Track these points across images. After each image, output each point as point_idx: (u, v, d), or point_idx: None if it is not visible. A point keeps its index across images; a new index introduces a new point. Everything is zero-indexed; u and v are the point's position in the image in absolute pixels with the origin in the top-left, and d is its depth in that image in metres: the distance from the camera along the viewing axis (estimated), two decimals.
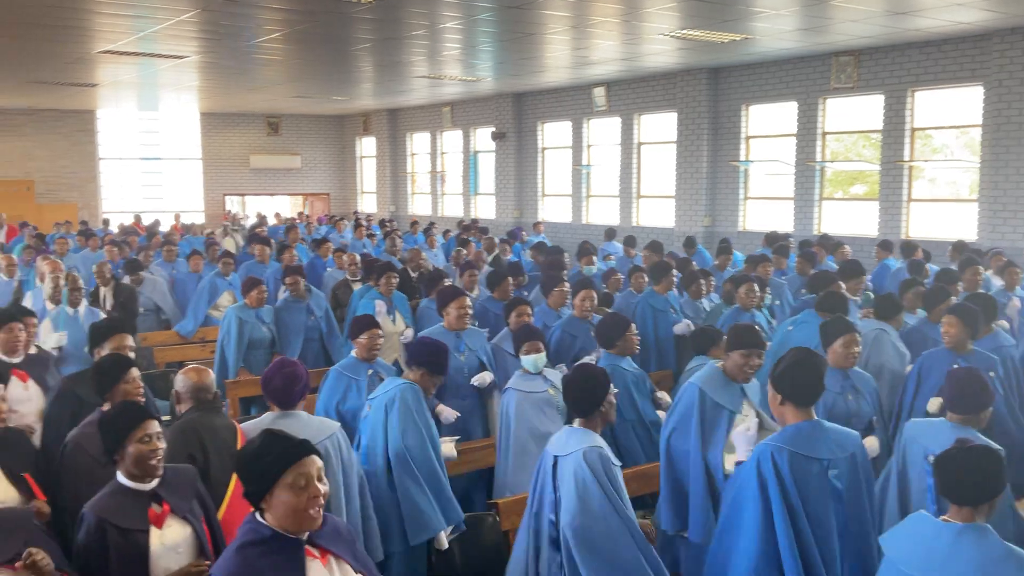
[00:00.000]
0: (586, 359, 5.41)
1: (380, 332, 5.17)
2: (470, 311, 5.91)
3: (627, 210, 16.52)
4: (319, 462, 2.64)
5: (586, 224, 17.24)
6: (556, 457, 3.55)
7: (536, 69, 14.58)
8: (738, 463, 3.73)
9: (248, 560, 2.54)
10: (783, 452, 3.32)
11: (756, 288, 7.05)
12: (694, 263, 9.62)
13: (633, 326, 5.38)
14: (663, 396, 5.35)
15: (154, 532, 3.11)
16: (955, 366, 4.40)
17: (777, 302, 8.11)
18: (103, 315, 6.97)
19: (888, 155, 12.40)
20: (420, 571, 4.44)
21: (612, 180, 16.94)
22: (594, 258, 10.00)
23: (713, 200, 14.89)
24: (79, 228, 15.52)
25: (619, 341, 5.26)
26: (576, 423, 3.62)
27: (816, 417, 3.46)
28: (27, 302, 7.52)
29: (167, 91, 17.73)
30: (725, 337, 4.47)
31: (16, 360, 4.83)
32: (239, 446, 3.76)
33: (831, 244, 10.69)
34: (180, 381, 3.96)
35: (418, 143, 22.43)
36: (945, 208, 12.57)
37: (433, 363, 4.55)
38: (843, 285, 6.90)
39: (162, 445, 3.18)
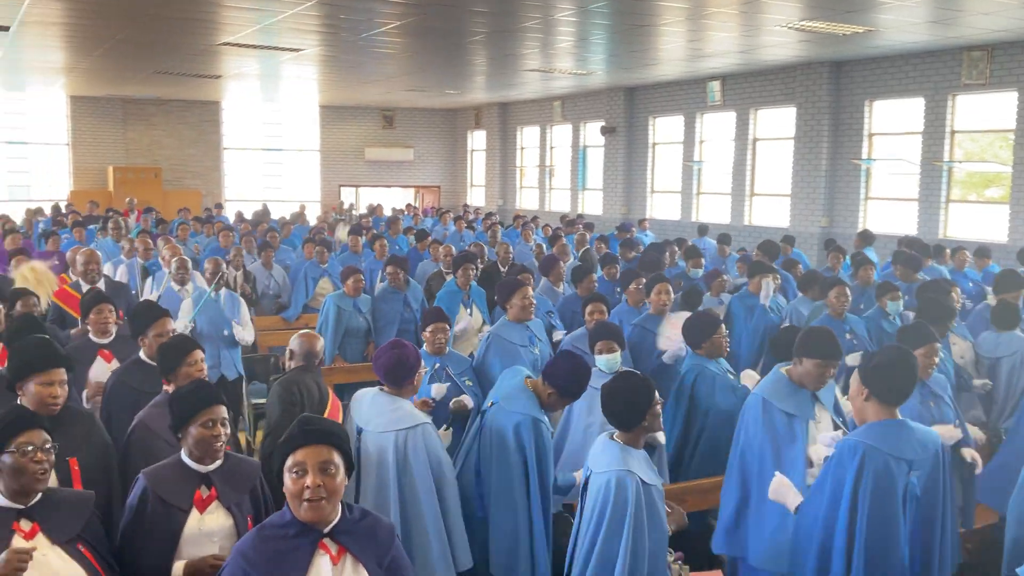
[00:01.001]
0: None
1: (446, 326, 5.12)
2: (534, 302, 5.78)
3: (739, 208, 16.04)
4: (329, 452, 2.57)
5: (695, 222, 16.82)
6: (591, 473, 3.35)
7: (649, 62, 14.29)
8: None
9: (264, 540, 2.57)
10: (873, 451, 3.19)
11: (848, 293, 6.67)
12: (800, 264, 9.25)
13: (723, 327, 5.14)
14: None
15: (194, 514, 3.10)
16: None
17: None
18: (241, 298, 7.25)
19: (1021, 156, 11.60)
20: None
21: (724, 177, 16.48)
22: (703, 260, 9.68)
23: (832, 200, 14.28)
24: (202, 215, 16.13)
25: (706, 342, 5.01)
26: (616, 435, 3.39)
27: (900, 416, 3.30)
28: (149, 285, 7.86)
29: (288, 83, 18.24)
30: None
31: (105, 341, 4.99)
32: (328, 407, 4.49)
33: (924, 247, 10.12)
34: (295, 342, 4.73)
35: (527, 137, 22.39)
36: None
37: (571, 389, 4.03)
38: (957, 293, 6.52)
39: (225, 431, 3.16)
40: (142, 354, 4.58)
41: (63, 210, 16.14)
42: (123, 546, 3.07)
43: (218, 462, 3.18)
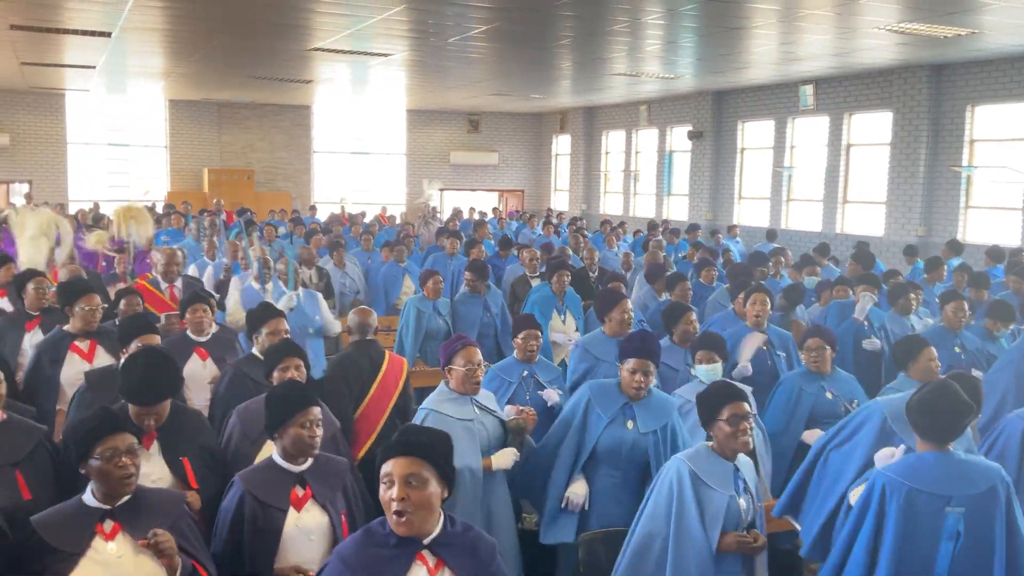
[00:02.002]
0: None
1: (537, 333, 5.00)
2: (632, 316, 5.66)
3: (831, 216, 15.58)
4: (417, 465, 2.52)
5: (785, 229, 16.42)
6: None
7: (739, 65, 14.01)
8: None
9: (364, 545, 2.56)
10: (894, 483, 3.07)
11: (966, 307, 6.36)
12: (900, 275, 8.89)
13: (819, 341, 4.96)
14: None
15: (292, 513, 3.14)
16: None
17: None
18: (319, 294, 7.31)
19: None
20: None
21: (816, 183, 16.02)
22: (818, 268, 9.39)
23: (929, 208, 13.74)
24: (291, 216, 16.49)
25: (803, 353, 4.87)
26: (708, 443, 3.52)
27: (951, 448, 3.13)
28: (234, 284, 8.03)
29: (376, 88, 18.51)
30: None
31: (202, 339, 5.11)
32: (382, 372, 5.15)
33: (1000, 254, 9.63)
34: (351, 318, 5.41)
35: (612, 141, 22.22)
36: None
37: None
38: None
39: (320, 432, 3.20)
40: (255, 350, 4.71)
41: (158, 211, 16.69)
42: (225, 549, 3.11)
43: (310, 461, 3.22)
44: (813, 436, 4.61)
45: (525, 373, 4.92)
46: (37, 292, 5.54)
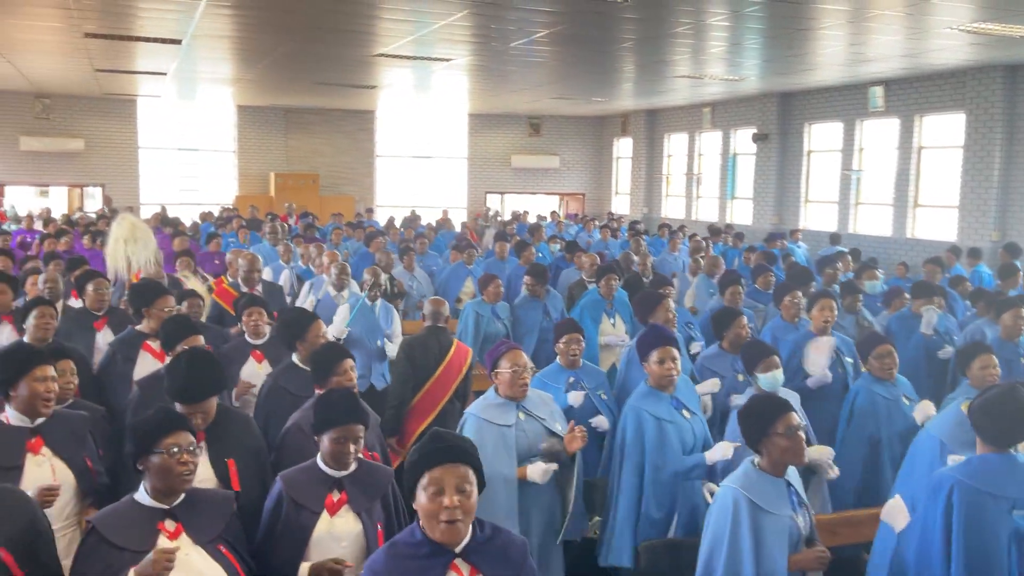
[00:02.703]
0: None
1: (579, 337, 4.96)
2: (675, 315, 5.58)
3: (901, 220, 15.17)
4: (464, 471, 2.50)
5: (853, 233, 16.04)
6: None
7: (805, 67, 13.75)
8: None
9: (395, 558, 2.52)
10: (962, 485, 3.01)
11: None
12: (968, 281, 8.61)
13: (888, 347, 4.82)
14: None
15: (324, 517, 3.13)
16: None
17: None
18: (395, 308, 7.33)
19: None
20: None
21: (885, 187, 15.63)
22: (878, 272, 9.15)
23: (1004, 212, 13.29)
24: (354, 220, 16.68)
25: (874, 360, 4.73)
26: (755, 461, 3.34)
27: (1012, 452, 3.07)
28: (305, 289, 8.12)
29: (438, 92, 18.64)
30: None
31: (258, 342, 5.19)
32: (449, 356, 5.60)
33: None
34: (426, 306, 5.93)
35: (675, 144, 22.00)
36: None
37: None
38: None
39: (356, 448, 3.19)
40: (295, 358, 4.70)
41: (220, 214, 17.03)
42: (259, 546, 3.15)
43: (353, 466, 3.23)
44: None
45: (572, 379, 4.87)
46: (97, 293, 5.69)
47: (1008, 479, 3.01)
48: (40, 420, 3.46)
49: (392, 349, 6.59)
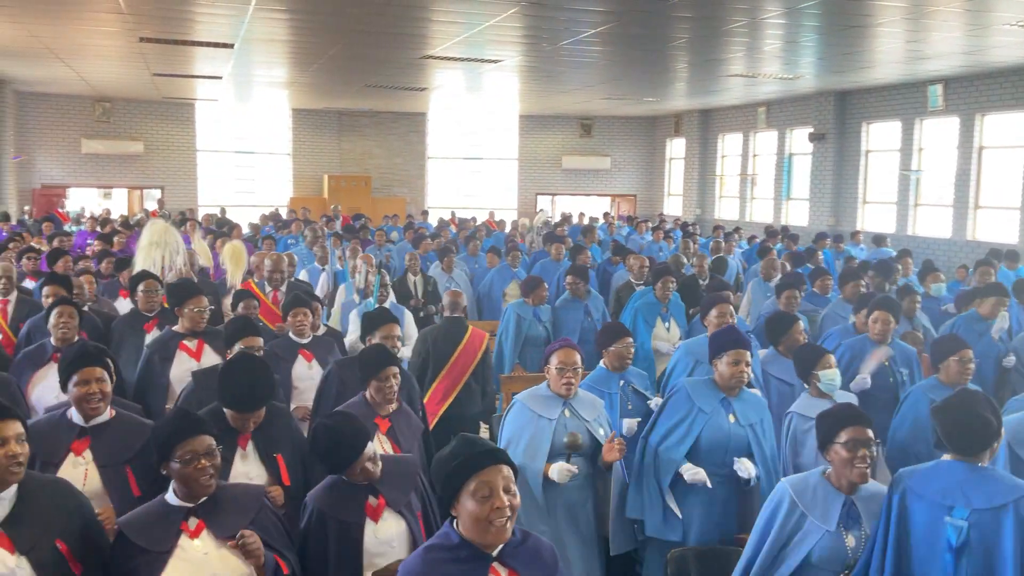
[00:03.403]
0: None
1: (632, 340, 4.86)
2: (735, 317, 5.44)
3: (961, 221, 14.72)
4: (507, 471, 2.48)
5: (912, 235, 15.63)
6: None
7: (863, 65, 13.43)
8: None
9: (432, 563, 2.47)
10: (901, 485, 3.06)
11: None
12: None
13: (968, 353, 4.68)
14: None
15: (369, 525, 3.12)
16: None
17: None
18: (407, 311, 7.28)
19: None
20: None
21: (946, 187, 15.19)
22: (941, 275, 8.86)
23: None
24: (405, 222, 16.75)
25: (955, 364, 4.65)
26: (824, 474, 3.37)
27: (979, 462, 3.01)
28: (340, 294, 8.14)
29: (489, 94, 18.66)
30: None
31: (304, 341, 5.21)
32: (464, 341, 6.00)
33: None
34: (445, 298, 6.39)
35: (729, 144, 21.69)
36: None
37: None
38: None
39: (377, 469, 3.18)
40: None
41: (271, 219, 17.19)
42: (312, 568, 3.12)
43: (378, 470, 3.20)
44: None
45: (622, 383, 4.80)
46: (147, 295, 5.76)
47: (954, 487, 2.98)
48: (94, 421, 3.54)
49: (406, 352, 6.46)
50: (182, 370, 4.86)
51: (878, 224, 16.64)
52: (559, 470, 3.92)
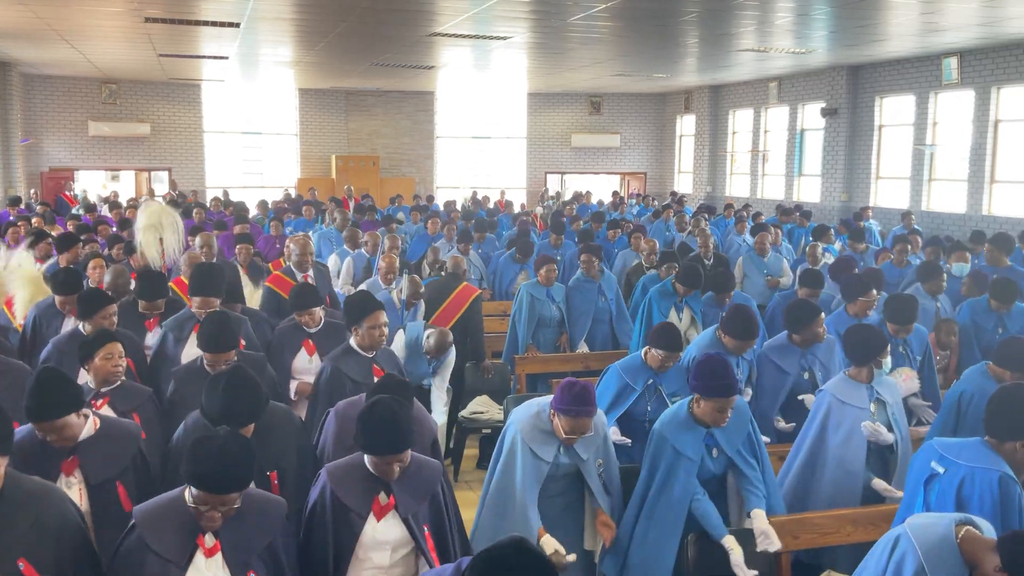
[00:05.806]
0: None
1: (680, 356, 4.70)
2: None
3: (976, 197, 14.54)
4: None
5: (926, 211, 15.46)
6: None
7: (875, 38, 13.22)
8: None
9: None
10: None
11: None
12: None
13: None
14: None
15: (371, 521, 3.02)
16: None
17: None
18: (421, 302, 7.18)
19: None
20: None
21: (960, 162, 14.99)
22: (968, 255, 8.67)
23: None
24: (413, 203, 16.63)
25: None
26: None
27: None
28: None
29: (497, 72, 18.48)
30: None
31: (312, 330, 5.13)
32: (455, 292, 6.80)
33: None
34: (448, 262, 7.30)
35: (740, 120, 21.47)
36: None
37: None
38: None
39: (402, 464, 3.06)
40: (353, 343, 4.64)
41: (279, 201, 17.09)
42: (304, 541, 3.05)
43: (396, 472, 3.08)
44: None
45: (651, 381, 4.65)
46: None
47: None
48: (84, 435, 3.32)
49: (439, 385, 5.83)
50: (195, 351, 4.79)
51: (891, 200, 16.46)
52: (551, 545, 3.69)
